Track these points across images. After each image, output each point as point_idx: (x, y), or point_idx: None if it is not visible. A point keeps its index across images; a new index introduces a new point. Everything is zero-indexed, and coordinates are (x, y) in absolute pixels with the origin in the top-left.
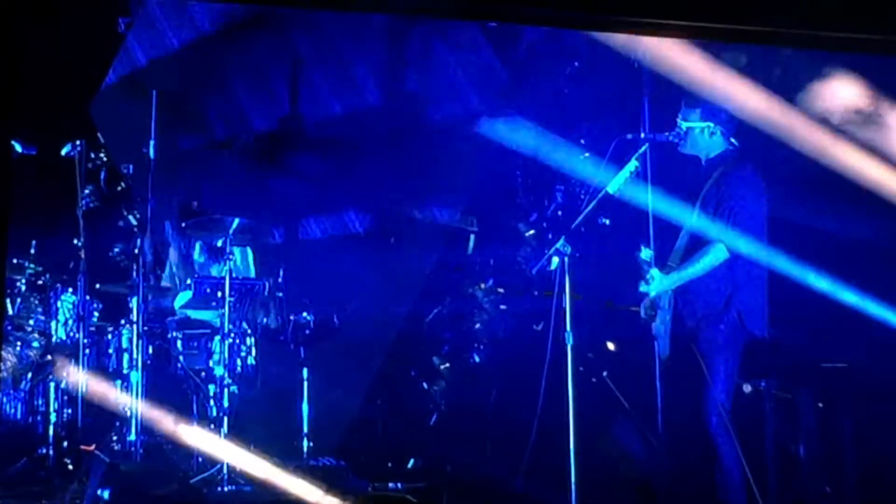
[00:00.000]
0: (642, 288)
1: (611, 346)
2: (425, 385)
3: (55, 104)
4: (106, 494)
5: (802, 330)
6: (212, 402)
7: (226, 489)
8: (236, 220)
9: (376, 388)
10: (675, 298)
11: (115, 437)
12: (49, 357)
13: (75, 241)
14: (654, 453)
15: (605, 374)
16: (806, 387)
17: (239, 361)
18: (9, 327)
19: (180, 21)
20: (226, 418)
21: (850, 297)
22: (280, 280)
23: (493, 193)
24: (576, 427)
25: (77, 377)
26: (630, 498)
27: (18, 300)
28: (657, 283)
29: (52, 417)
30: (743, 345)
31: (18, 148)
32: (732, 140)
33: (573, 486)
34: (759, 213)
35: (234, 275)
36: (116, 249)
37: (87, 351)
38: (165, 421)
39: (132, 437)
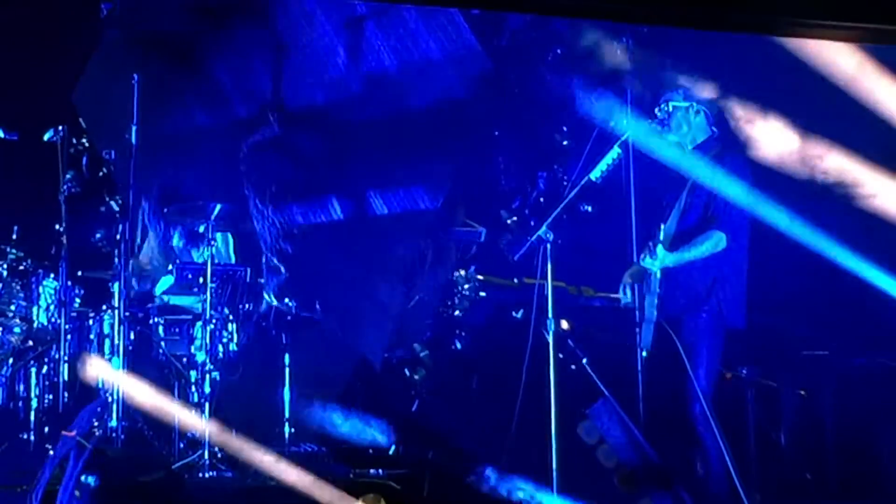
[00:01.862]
0: (645, 262)
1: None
2: (406, 372)
3: (37, 89)
4: (91, 481)
5: (784, 318)
6: (193, 388)
7: (207, 475)
8: (218, 206)
9: (357, 374)
10: (660, 283)
11: (96, 423)
12: (30, 342)
13: (57, 227)
14: (634, 440)
15: (584, 360)
16: (787, 375)
17: (220, 347)
18: None
19: (162, 5)
20: (207, 404)
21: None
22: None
23: (475, 180)
24: (557, 414)
25: (58, 363)
26: (611, 485)
27: (0, 285)
28: (661, 259)
29: (34, 403)
30: (724, 333)
31: (0, 133)
32: (713, 128)
33: (554, 473)
34: (750, 202)
35: (215, 260)
36: (98, 235)
37: (69, 336)
38: (147, 407)
39: (113, 422)
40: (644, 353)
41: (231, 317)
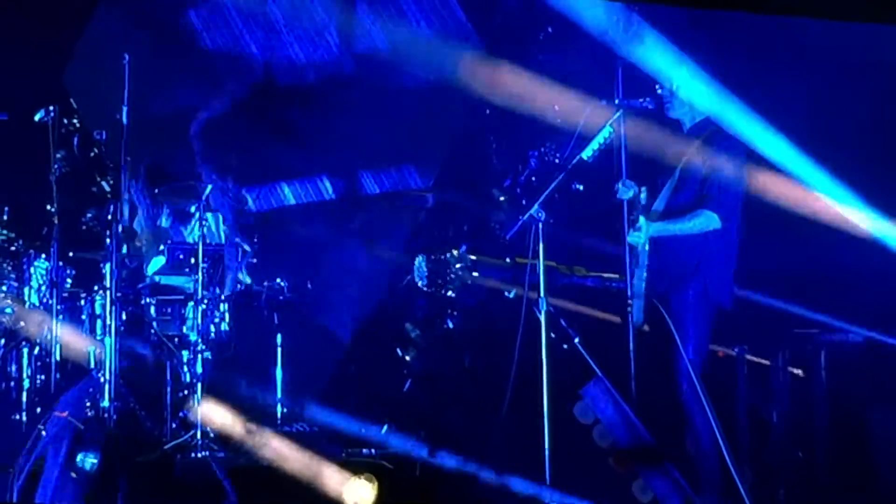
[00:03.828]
0: (631, 237)
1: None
2: (399, 351)
3: (27, 70)
4: (89, 461)
5: (776, 296)
6: (185, 368)
7: (199, 455)
8: (209, 186)
9: (349, 354)
10: (649, 258)
11: (88, 404)
12: (22, 323)
13: (48, 207)
14: (628, 419)
15: (576, 340)
16: (779, 353)
17: (212, 327)
18: None
19: None
20: (199, 384)
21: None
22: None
23: (466, 159)
24: (549, 393)
25: (50, 343)
26: (604, 464)
27: None
28: (645, 231)
29: (26, 383)
30: (711, 311)
31: None
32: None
33: (546, 452)
34: (743, 184)
35: (206, 241)
36: (89, 215)
37: (61, 317)
38: (138, 387)
39: (105, 403)
40: (635, 330)
41: (222, 297)
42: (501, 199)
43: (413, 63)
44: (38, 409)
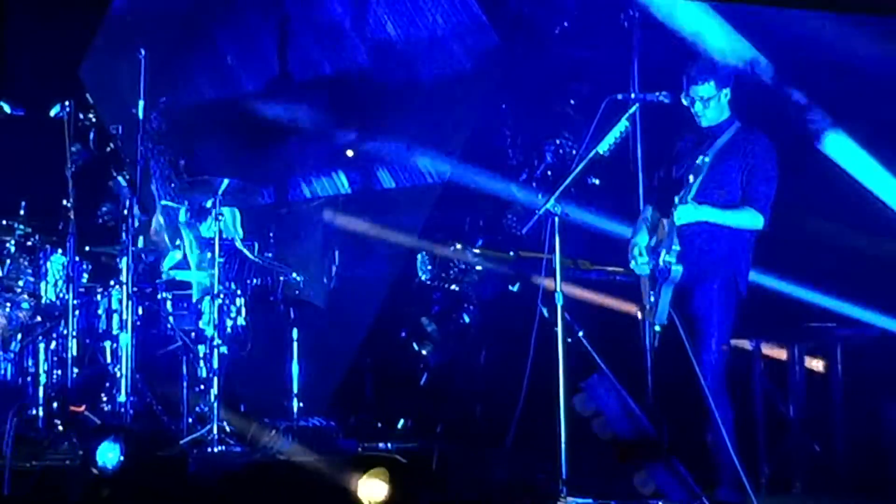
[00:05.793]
0: (679, 212)
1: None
2: (415, 346)
3: (44, 65)
4: (111, 457)
5: (792, 289)
6: (201, 363)
7: (215, 450)
8: (225, 181)
9: (366, 348)
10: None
11: (104, 399)
12: (38, 318)
13: (65, 202)
14: (630, 412)
15: (580, 333)
16: (795, 346)
17: (229, 322)
18: None
19: None
20: (215, 379)
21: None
22: (270, 241)
23: (482, 153)
24: (565, 387)
25: (67, 338)
26: (610, 456)
27: (8, 261)
28: (692, 210)
29: (42, 378)
30: (736, 304)
31: (7, 109)
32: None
33: (562, 445)
34: (776, 185)
35: (223, 235)
36: (104, 209)
37: (77, 312)
38: (155, 382)
39: (122, 398)
40: (658, 328)
41: (239, 291)
42: (517, 193)
43: (428, 56)
44: (55, 405)
